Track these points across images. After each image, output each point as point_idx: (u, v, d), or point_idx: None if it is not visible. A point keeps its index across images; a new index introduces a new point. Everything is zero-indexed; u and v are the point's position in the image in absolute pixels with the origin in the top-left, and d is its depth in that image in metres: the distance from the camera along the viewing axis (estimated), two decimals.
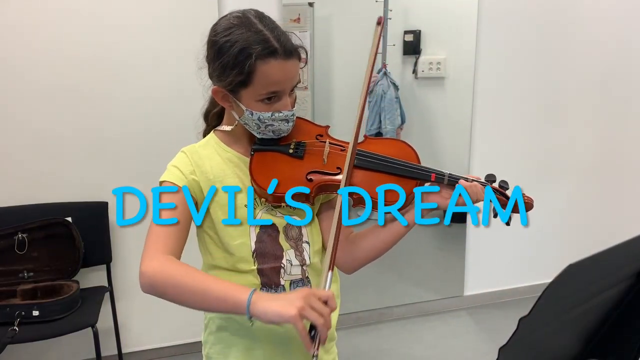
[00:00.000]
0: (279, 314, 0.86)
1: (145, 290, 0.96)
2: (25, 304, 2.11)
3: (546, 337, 0.76)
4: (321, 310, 0.87)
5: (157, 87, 2.43)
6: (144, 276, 0.96)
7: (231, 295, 0.91)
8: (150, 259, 0.97)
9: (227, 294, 0.91)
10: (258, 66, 0.99)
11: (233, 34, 1.00)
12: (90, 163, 2.42)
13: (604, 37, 3.05)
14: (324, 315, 0.87)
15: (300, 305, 0.85)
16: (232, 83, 1.02)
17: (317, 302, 0.87)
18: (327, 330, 0.87)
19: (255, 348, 1.13)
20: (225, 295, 0.91)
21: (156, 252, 0.98)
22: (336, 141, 1.15)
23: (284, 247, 1.11)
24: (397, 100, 3.05)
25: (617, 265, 0.75)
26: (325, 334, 0.87)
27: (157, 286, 0.95)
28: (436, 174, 1.11)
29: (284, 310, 0.85)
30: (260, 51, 0.98)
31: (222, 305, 0.93)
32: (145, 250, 0.99)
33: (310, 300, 0.87)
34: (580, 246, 3.25)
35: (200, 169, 1.08)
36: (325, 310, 0.87)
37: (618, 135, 3.23)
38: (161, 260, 0.97)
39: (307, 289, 0.96)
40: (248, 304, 0.88)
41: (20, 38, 2.25)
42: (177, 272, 0.95)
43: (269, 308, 0.87)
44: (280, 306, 0.86)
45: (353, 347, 2.77)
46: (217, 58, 1.02)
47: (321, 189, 1.10)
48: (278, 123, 1.07)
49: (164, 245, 0.99)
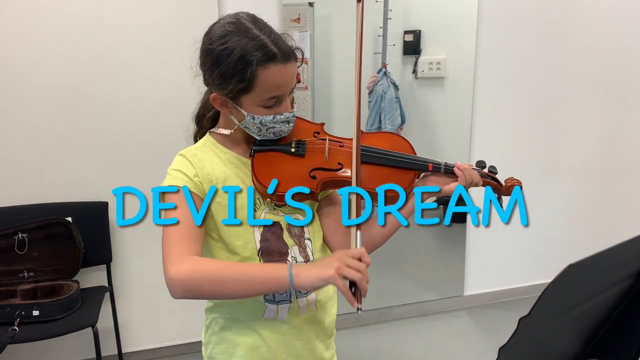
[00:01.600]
0: (320, 277, 0.92)
1: (178, 294, 0.95)
2: (25, 304, 2.11)
3: (546, 337, 0.76)
4: (357, 266, 0.92)
5: (157, 87, 2.43)
6: (175, 281, 0.94)
7: (273, 274, 0.95)
8: (177, 263, 0.96)
9: (268, 274, 0.96)
10: (259, 72, 0.99)
11: (230, 41, 1.00)
12: (90, 163, 2.42)
13: (604, 37, 3.05)
14: (361, 270, 0.92)
15: (337, 266, 0.92)
16: (232, 91, 1.02)
17: (351, 260, 0.93)
18: (366, 284, 0.92)
19: (260, 346, 1.13)
20: (267, 276, 0.96)
21: (180, 255, 0.97)
22: (334, 137, 1.17)
23: (289, 243, 1.12)
24: (397, 100, 3.05)
25: (617, 265, 0.75)
26: (365, 287, 0.92)
27: (193, 287, 0.95)
28: (433, 164, 1.16)
29: (323, 273, 0.92)
30: (260, 57, 0.98)
31: (266, 286, 0.98)
32: (166, 256, 0.98)
33: (345, 260, 0.93)
34: (580, 246, 3.26)
35: (202, 171, 1.08)
36: (361, 265, 0.93)
37: (618, 135, 3.23)
38: (189, 262, 0.96)
39: (340, 250, 0.98)
40: (290, 278, 0.93)
41: (20, 38, 2.25)
42: (211, 268, 0.98)
43: (310, 276, 0.93)
44: (319, 271, 0.93)
45: (353, 347, 2.77)
46: (216, 67, 1.01)
47: (325, 185, 1.12)
48: (279, 125, 1.07)
49: (184, 248, 0.99)
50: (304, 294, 1.12)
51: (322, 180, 1.10)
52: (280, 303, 1.11)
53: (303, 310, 1.13)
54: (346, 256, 0.94)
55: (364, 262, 0.94)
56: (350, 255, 0.94)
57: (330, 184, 1.12)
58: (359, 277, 0.91)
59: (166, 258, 0.97)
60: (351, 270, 0.92)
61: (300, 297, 1.12)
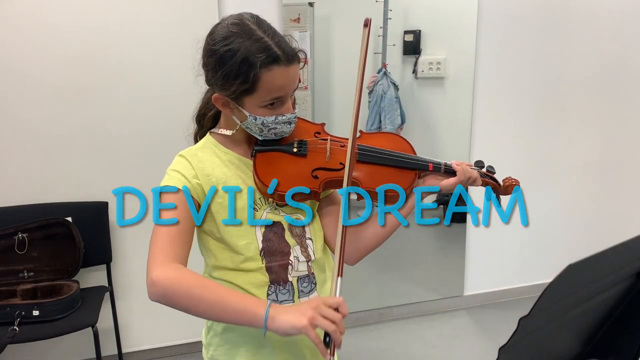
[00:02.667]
0: (292, 325, 0.90)
1: (155, 298, 0.94)
2: (25, 303, 2.10)
3: (546, 337, 0.76)
4: (332, 317, 0.90)
5: (157, 87, 2.43)
6: (155, 286, 0.93)
7: (248, 309, 0.93)
8: (161, 267, 0.95)
9: (244, 308, 0.93)
10: (262, 74, 0.99)
11: (233, 42, 1.00)
12: (90, 163, 2.42)
13: (604, 36, 3.05)
14: (336, 321, 0.90)
15: (310, 315, 0.89)
16: (235, 92, 1.02)
17: (327, 310, 0.90)
18: (340, 336, 0.90)
19: (263, 347, 1.13)
20: (243, 309, 0.93)
21: (166, 258, 0.96)
22: (335, 138, 1.18)
23: (291, 243, 1.12)
24: (397, 100, 3.05)
25: (617, 265, 0.75)
26: (339, 339, 0.90)
27: (169, 296, 0.94)
28: (433, 164, 1.16)
29: (296, 322, 0.89)
30: (263, 59, 0.98)
31: (239, 317, 0.94)
32: (152, 257, 0.97)
33: (321, 309, 0.90)
34: (580, 246, 3.27)
35: (202, 172, 1.07)
36: (337, 316, 0.90)
37: (618, 135, 3.23)
38: (173, 270, 0.95)
39: (318, 298, 0.98)
40: (265, 319, 0.91)
41: (20, 38, 2.25)
42: (192, 283, 0.94)
43: (284, 322, 0.90)
44: (293, 318, 0.90)
45: (353, 347, 2.77)
46: (219, 68, 1.01)
47: (327, 185, 1.12)
48: (281, 126, 1.08)
49: (171, 251, 0.98)
50: (306, 293, 1.13)
51: (324, 180, 1.10)
52: (283, 303, 1.10)
53: None
54: (323, 305, 0.91)
55: (341, 313, 0.92)
56: (327, 304, 0.91)
57: (332, 184, 1.13)
58: (333, 328, 0.89)
59: (151, 258, 0.96)
60: (325, 321, 0.89)
61: (303, 296, 1.12)
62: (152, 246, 0.99)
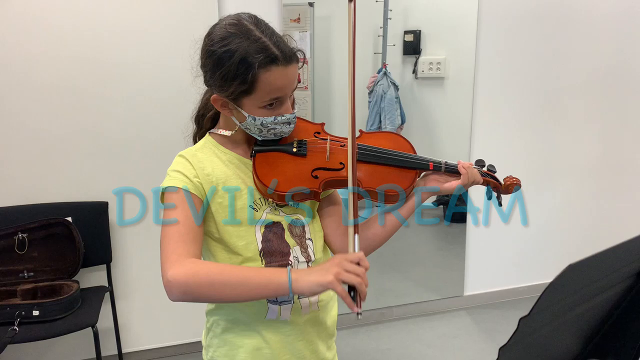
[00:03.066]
0: (318, 283, 0.92)
1: (175, 297, 0.95)
2: (25, 304, 2.10)
3: (546, 337, 0.76)
4: (355, 270, 0.92)
5: (157, 88, 2.43)
6: (174, 284, 0.94)
7: (272, 279, 0.95)
8: (176, 265, 0.95)
9: (268, 279, 0.96)
10: (260, 75, 0.99)
11: (231, 43, 0.99)
12: (90, 163, 2.42)
13: (604, 36, 3.05)
14: (360, 274, 0.92)
15: (335, 271, 0.92)
16: (234, 93, 1.02)
17: (350, 265, 0.93)
18: (365, 288, 0.92)
19: (263, 348, 1.12)
20: (267, 281, 0.96)
21: (179, 257, 0.97)
22: (335, 137, 1.17)
23: (290, 243, 1.12)
24: (397, 100, 3.05)
25: (617, 265, 0.75)
26: (365, 291, 0.92)
27: (191, 291, 0.94)
28: (434, 163, 1.17)
29: (322, 279, 0.92)
30: (261, 60, 0.98)
31: (265, 291, 0.97)
32: (164, 259, 0.97)
33: (344, 264, 0.93)
34: (580, 246, 3.27)
35: (202, 172, 1.07)
36: (360, 269, 0.93)
37: (618, 135, 3.23)
38: (188, 264, 0.95)
39: (339, 255, 0.98)
40: (290, 283, 0.93)
41: (20, 38, 2.25)
42: (210, 271, 0.96)
43: (309, 281, 0.93)
44: (318, 276, 0.93)
45: (353, 347, 2.77)
46: (217, 68, 1.01)
47: (327, 185, 1.12)
48: (280, 126, 1.08)
49: (184, 250, 0.98)
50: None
51: (324, 180, 1.10)
52: (282, 304, 1.10)
53: (305, 310, 1.13)
54: (345, 261, 0.93)
55: (363, 266, 0.94)
56: (348, 259, 0.94)
57: (332, 184, 1.12)
58: (358, 281, 0.91)
59: (164, 259, 0.97)
60: (350, 274, 0.92)
61: (302, 297, 1.12)
62: (163, 248, 0.98)
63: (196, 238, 1.02)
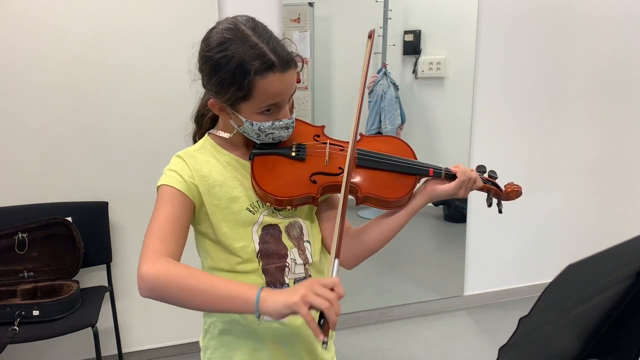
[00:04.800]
0: (284, 304, 0.86)
1: (144, 293, 0.94)
2: (25, 303, 2.10)
3: (546, 337, 0.76)
4: (326, 295, 0.85)
5: (157, 88, 2.43)
6: (144, 280, 0.93)
7: (241, 294, 0.90)
8: (150, 261, 0.94)
9: (237, 293, 0.90)
10: (257, 82, 0.98)
11: (228, 49, 0.98)
12: (90, 163, 2.42)
13: (604, 36, 3.05)
14: (330, 299, 0.85)
15: (302, 293, 0.85)
16: (230, 99, 1.02)
17: (321, 289, 0.86)
18: (335, 315, 0.85)
19: (260, 350, 1.12)
20: (235, 295, 0.90)
21: (155, 254, 0.96)
22: (335, 141, 1.16)
23: (288, 245, 1.11)
24: (397, 100, 3.05)
25: (617, 265, 0.75)
26: (334, 319, 0.85)
27: (159, 289, 0.93)
28: (434, 169, 1.15)
29: (288, 299, 0.86)
30: (258, 67, 0.97)
31: (231, 305, 0.92)
32: (143, 253, 0.96)
33: (314, 288, 0.86)
34: (580, 246, 3.27)
35: (199, 173, 1.07)
36: (331, 294, 0.86)
37: (618, 135, 3.23)
38: (162, 263, 0.94)
39: (312, 278, 0.95)
40: (257, 301, 0.88)
41: (20, 38, 2.25)
42: (181, 274, 0.93)
43: (275, 302, 0.87)
44: (284, 297, 0.87)
45: (353, 347, 2.77)
46: (214, 74, 1.01)
47: (325, 190, 1.11)
48: (278, 131, 1.07)
49: (162, 247, 0.97)
50: None
51: (323, 184, 1.09)
52: None
53: None
54: (316, 284, 0.87)
55: (337, 293, 0.87)
56: (321, 283, 0.87)
57: (330, 189, 1.12)
58: (326, 305, 0.84)
59: (142, 254, 0.96)
60: (318, 298, 0.85)
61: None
62: (144, 242, 0.98)
63: (178, 238, 1.01)
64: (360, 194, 1.11)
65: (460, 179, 1.14)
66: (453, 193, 1.15)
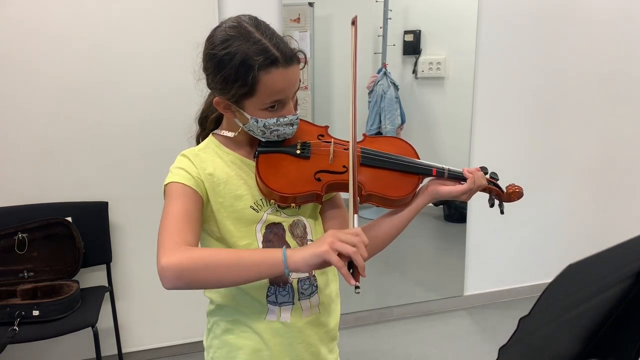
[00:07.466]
0: (313, 253, 0.90)
1: (170, 284, 0.92)
2: (25, 303, 2.11)
3: (546, 337, 0.76)
4: (351, 240, 0.90)
5: (157, 87, 2.43)
6: (167, 270, 0.91)
7: (266, 257, 0.93)
8: (169, 252, 0.93)
9: (262, 257, 0.94)
10: (261, 77, 0.99)
11: (231, 45, 0.99)
12: (90, 163, 2.42)
13: (604, 37, 3.05)
14: (355, 243, 0.90)
15: (330, 240, 0.90)
16: (235, 95, 1.02)
17: (345, 235, 0.91)
18: (362, 259, 0.89)
19: (262, 350, 1.12)
20: (261, 260, 0.94)
21: (174, 244, 0.95)
22: (339, 140, 1.17)
23: (291, 244, 1.12)
24: (397, 100, 3.05)
25: (617, 265, 0.75)
26: (362, 262, 0.89)
27: (186, 275, 0.91)
28: (437, 169, 1.16)
29: (316, 249, 0.90)
30: (261, 62, 0.98)
31: (260, 270, 0.94)
32: (160, 247, 0.95)
33: (339, 235, 0.91)
34: (580, 246, 3.27)
35: (204, 171, 1.07)
36: (355, 239, 0.90)
37: (618, 135, 3.22)
38: (181, 251, 0.93)
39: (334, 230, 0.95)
40: (285, 259, 0.91)
41: (20, 38, 2.25)
42: (203, 255, 0.95)
43: (303, 255, 0.91)
44: (313, 248, 0.91)
45: (353, 347, 2.77)
46: (218, 71, 1.02)
47: (330, 188, 1.12)
48: (283, 128, 1.08)
49: (179, 238, 0.96)
50: (306, 295, 1.12)
51: (327, 182, 1.10)
52: (282, 305, 1.10)
53: (306, 312, 1.12)
54: (340, 232, 0.92)
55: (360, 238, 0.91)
56: (345, 232, 0.92)
57: (334, 187, 1.12)
58: (353, 250, 0.89)
59: (160, 248, 0.94)
60: (344, 244, 0.89)
61: (303, 299, 1.12)
62: (159, 239, 0.97)
63: (194, 229, 1.01)
64: (365, 192, 1.11)
65: (468, 186, 1.14)
66: (456, 196, 1.15)
